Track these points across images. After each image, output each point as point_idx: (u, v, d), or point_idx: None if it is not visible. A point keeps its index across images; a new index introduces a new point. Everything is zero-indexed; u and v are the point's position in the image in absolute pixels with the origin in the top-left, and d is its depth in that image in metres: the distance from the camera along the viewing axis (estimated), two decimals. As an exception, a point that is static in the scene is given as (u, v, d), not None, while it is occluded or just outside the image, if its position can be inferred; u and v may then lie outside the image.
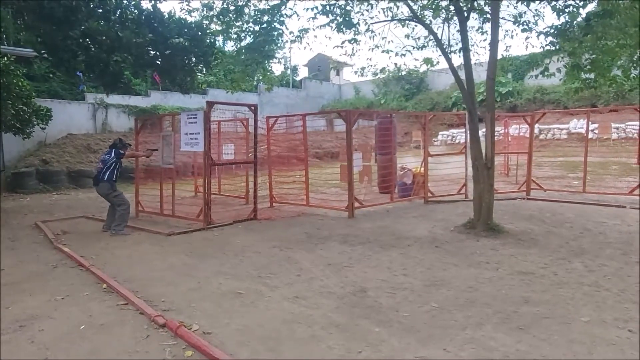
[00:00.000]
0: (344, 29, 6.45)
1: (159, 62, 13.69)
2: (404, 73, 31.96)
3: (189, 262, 5.33)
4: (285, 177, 10.27)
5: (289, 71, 43.82)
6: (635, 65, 5.81)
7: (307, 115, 9.03)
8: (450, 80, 22.42)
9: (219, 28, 7.92)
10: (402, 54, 7.70)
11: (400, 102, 30.84)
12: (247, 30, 7.07)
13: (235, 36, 7.49)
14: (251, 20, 6.83)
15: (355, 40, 6.99)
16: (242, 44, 7.32)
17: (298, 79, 42.98)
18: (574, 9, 5.40)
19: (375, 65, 11.86)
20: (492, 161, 6.39)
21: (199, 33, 11.64)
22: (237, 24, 7.00)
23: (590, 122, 10.59)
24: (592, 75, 6.45)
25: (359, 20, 6.92)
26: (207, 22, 7.70)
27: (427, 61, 8.58)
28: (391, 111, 24.16)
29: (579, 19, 5.53)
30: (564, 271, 4.57)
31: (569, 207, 8.26)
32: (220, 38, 8.70)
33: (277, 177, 9.86)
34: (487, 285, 4.23)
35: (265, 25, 6.59)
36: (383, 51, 7.63)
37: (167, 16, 13.37)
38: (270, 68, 9.44)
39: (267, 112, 22.30)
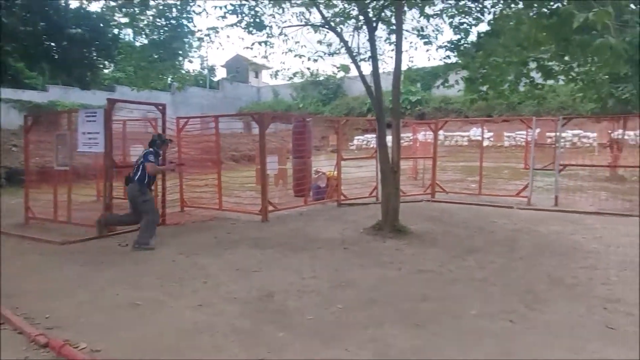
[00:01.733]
0: (254, 30, 6.40)
1: (55, 55, 12.44)
2: (321, 78, 32.98)
3: (83, 272, 4.90)
4: (198, 180, 9.91)
5: (205, 71, 42.58)
6: (518, 81, 6.47)
7: (219, 116, 8.80)
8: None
9: (125, 20, 7.45)
10: (315, 59, 7.84)
11: (317, 107, 31.43)
12: (154, 25, 6.71)
13: (142, 30, 7.07)
14: (158, 14, 6.50)
15: (267, 43, 6.97)
16: (149, 39, 6.94)
17: (215, 79, 41.97)
18: (468, 27, 5.91)
19: (289, 69, 11.89)
20: (398, 165, 6.71)
21: (101, 25, 10.82)
22: (143, 17, 6.62)
23: (486, 131, 11.62)
24: (484, 88, 7.08)
25: (270, 22, 6.93)
26: (109, 13, 7.20)
27: (344, 68, 8.81)
28: (305, 115, 24.43)
29: (472, 37, 6.07)
30: (458, 268, 4.93)
31: (467, 208, 8.96)
32: (129, 31, 8.18)
33: (190, 180, 9.49)
34: (390, 284, 4.42)
35: (172, 20, 6.31)
36: (295, 55, 7.71)
37: (63, 4, 12.23)
38: (181, 66, 9.04)
39: (182, 113, 21.39)
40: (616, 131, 12.85)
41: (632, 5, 4.60)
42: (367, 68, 7.57)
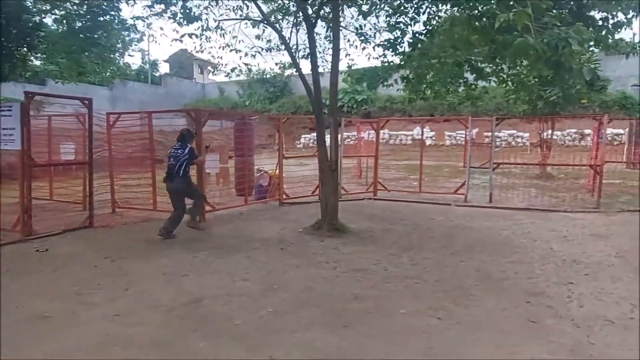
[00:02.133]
0: (184, 21, 6.10)
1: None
2: (268, 76, 32.62)
3: (-10, 282, 4.43)
4: (131, 180, 9.39)
5: (147, 66, 40.80)
6: (452, 81, 6.64)
7: (153, 112, 8.36)
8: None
9: (46, 7, 6.87)
10: (252, 55, 7.64)
11: (264, 105, 31.05)
12: (76, 13, 6.23)
13: (62, 18, 6.55)
14: (79, 1, 6.04)
15: (200, 36, 6.68)
16: (69, 27, 6.44)
17: (158, 74, 40.32)
18: (404, 26, 5.98)
19: (226, 65, 11.59)
20: (336, 164, 6.67)
21: (19, 11, 9.78)
22: (63, 4, 6.12)
23: (428, 130, 11.92)
24: (423, 88, 7.22)
25: (204, 14, 6.64)
26: (29, -1, 6.62)
27: (288, 66, 8.66)
28: (250, 113, 24.10)
29: (408, 36, 6.14)
30: (392, 266, 4.95)
31: (407, 206, 9.12)
32: (50, 19, 7.55)
33: (122, 180, 8.96)
34: (323, 284, 4.34)
35: (94, 9, 5.88)
36: (232, 50, 7.46)
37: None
38: (112, 59, 8.49)
39: (120, 109, 20.33)
40: (545, 131, 13.62)
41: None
42: (308, 66, 7.49)
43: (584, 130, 20.87)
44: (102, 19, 5.95)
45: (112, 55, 8.08)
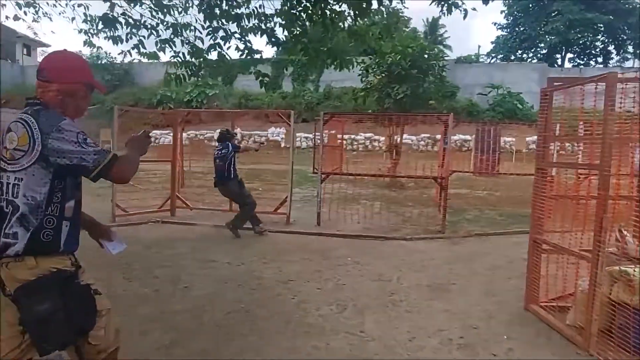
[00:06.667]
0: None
1: None
2: (104, 62, 27.57)
3: None
4: None
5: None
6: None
7: None
8: (158, 76, 19.64)
9: None
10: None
11: (96, 94, 25.94)
12: None
13: None
14: None
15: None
16: None
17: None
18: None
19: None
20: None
21: None
22: None
23: (284, 130, 9.34)
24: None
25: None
26: None
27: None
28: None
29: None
30: None
31: (191, 232, 6.38)
32: None
33: None
34: None
35: None
36: None
37: None
38: None
39: None
40: (395, 135, 12.13)
41: None
42: None
43: (437, 135, 20.67)
44: None
45: None
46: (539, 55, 34.81)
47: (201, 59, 4.79)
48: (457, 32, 60.39)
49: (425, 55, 11.48)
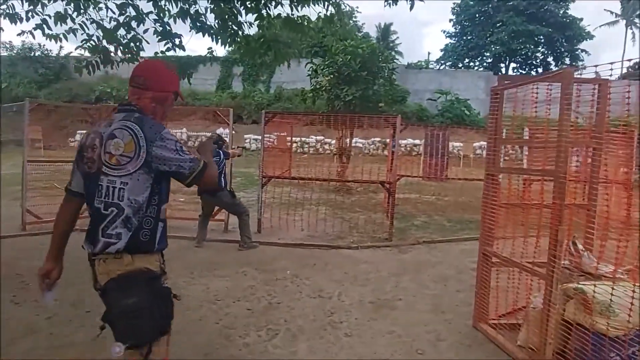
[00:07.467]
0: None
1: None
2: (38, 54, 25.57)
3: None
4: None
5: None
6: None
7: None
8: (99, 71, 18.32)
9: None
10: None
11: (30, 89, 23.90)
12: None
13: None
14: None
15: None
16: None
17: None
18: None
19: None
20: None
21: None
22: None
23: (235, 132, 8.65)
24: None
25: None
26: None
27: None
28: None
29: None
30: None
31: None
32: None
33: None
34: None
35: None
36: None
37: None
38: None
39: None
40: (345, 138, 11.80)
41: None
42: None
43: (387, 139, 20.66)
44: None
45: None
46: (485, 63, 35.99)
47: (116, 44, 4.16)
48: (408, 39, 61.76)
49: (378, 57, 11.25)
